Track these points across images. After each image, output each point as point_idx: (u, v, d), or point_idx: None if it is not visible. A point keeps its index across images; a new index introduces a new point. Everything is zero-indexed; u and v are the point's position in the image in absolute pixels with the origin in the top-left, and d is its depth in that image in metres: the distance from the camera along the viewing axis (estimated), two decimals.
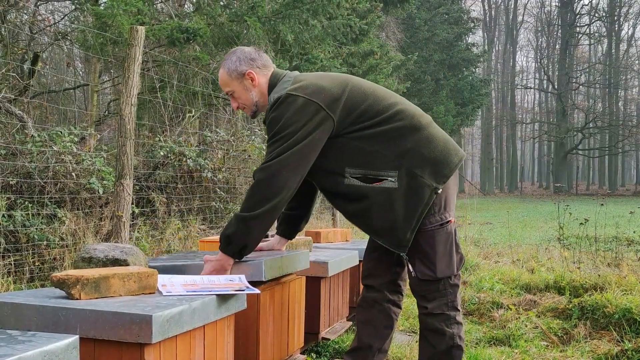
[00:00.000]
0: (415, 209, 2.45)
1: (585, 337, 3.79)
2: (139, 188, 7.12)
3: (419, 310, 2.63)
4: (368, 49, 17.24)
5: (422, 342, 2.63)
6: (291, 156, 2.40)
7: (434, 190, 2.47)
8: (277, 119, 2.45)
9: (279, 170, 2.39)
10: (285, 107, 2.45)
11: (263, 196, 2.39)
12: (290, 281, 2.91)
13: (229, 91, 2.67)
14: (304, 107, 2.43)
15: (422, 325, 2.62)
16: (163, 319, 1.81)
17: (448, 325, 2.55)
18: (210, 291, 2.15)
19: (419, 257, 2.51)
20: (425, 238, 2.50)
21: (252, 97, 2.63)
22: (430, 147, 2.51)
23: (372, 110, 2.50)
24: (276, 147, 2.42)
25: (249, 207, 2.41)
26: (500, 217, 14.83)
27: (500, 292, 4.93)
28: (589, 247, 6.56)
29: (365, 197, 2.47)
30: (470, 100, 27.82)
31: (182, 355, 1.97)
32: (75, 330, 1.82)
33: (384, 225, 2.48)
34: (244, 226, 2.40)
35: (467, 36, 30.94)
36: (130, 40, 5.21)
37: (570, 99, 45.90)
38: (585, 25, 47.44)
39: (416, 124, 2.52)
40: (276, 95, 2.53)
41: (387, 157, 2.46)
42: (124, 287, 2.05)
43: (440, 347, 2.56)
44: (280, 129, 2.43)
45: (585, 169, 56.68)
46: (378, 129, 2.48)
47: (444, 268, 2.52)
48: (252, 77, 2.60)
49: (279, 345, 2.78)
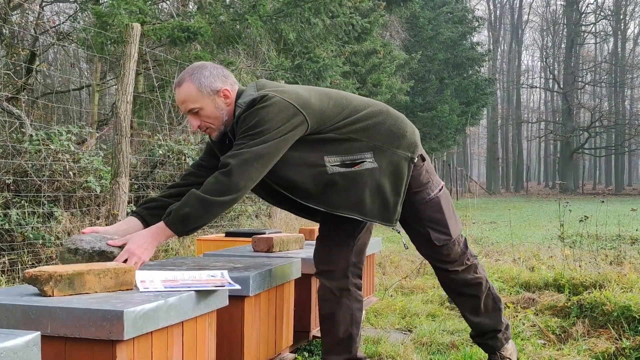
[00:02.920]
0: (400, 183, 2.58)
1: (584, 336, 3.72)
2: (137, 187, 7.08)
3: (443, 275, 2.83)
4: (371, 48, 17.19)
5: (463, 299, 2.86)
6: (266, 149, 2.37)
7: (411, 160, 2.61)
8: (251, 116, 2.41)
9: (251, 160, 2.35)
10: (261, 106, 2.41)
11: (233, 183, 2.33)
12: None
13: (194, 108, 2.48)
14: (281, 108, 2.42)
15: (454, 285, 2.84)
16: (136, 314, 1.76)
17: (477, 272, 2.82)
18: (190, 287, 2.09)
19: (432, 227, 2.70)
20: (433, 207, 2.69)
21: (222, 116, 2.51)
22: (398, 125, 2.64)
23: (337, 106, 2.58)
24: (251, 139, 2.38)
25: (215, 191, 2.33)
26: (505, 217, 14.74)
27: (499, 290, 4.86)
28: (590, 245, 6.48)
29: (354, 180, 2.51)
30: (475, 99, 27.71)
31: (158, 352, 1.91)
32: (47, 328, 1.77)
33: (376, 203, 2.55)
34: (205, 209, 2.32)
35: (472, 35, 30.85)
36: (126, 37, 5.17)
37: (576, 98, 45.70)
38: (590, 24, 47.24)
39: (381, 109, 2.66)
40: (246, 99, 2.47)
41: (360, 141, 2.55)
42: (99, 283, 2.00)
43: (482, 294, 2.83)
44: (256, 124, 2.40)
45: (591, 169, 56.47)
46: (347, 120, 2.56)
47: (454, 227, 2.75)
48: (227, 94, 2.51)
49: (266, 344, 2.72)
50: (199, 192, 2.33)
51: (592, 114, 45.20)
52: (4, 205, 5.47)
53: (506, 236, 9.23)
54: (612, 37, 48.11)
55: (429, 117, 24.05)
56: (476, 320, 2.87)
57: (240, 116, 2.45)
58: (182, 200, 2.35)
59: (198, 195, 2.32)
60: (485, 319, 2.87)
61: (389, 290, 5.29)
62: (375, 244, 4.24)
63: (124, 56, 5.12)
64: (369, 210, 2.54)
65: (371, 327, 4.19)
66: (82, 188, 6.01)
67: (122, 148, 5.02)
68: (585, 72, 47.84)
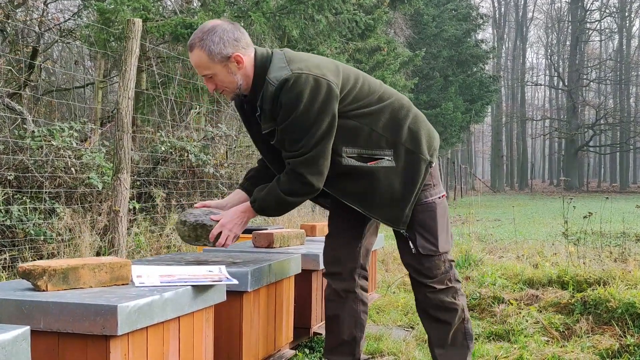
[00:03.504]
0: (414, 184, 2.50)
1: (587, 332, 3.68)
2: (140, 184, 7.06)
3: (421, 291, 2.61)
4: (375, 45, 17.12)
5: (433, 324, 2.61)
6: (323, 142, 2.39)
7: (429, 164, 2.54)
8: (294, 102, 2.35)
9: (320, 160, 2.40)
10: (299, 88, 2.35)
11: (307, 186, 2.42)
12: None
13: (207, 74, 2.44)
14: (317, 87, 2.37)
15: (427, 305, 2.60)
16: (130, 309, 1.73)
17: (456, 298, 2.59)
18: (186, 282, 2.06)
19: (420, 232, 2.54)
20: (427, 212, 2.55)
21: (236, 81, 2.44)
22: (419, 124, 2.57)
23: (364, 89, 2.52)
24: (308, 135, 2.37)
25: (292, 192, 2.44)
26: (510, 215, 14.68)
27: (502, 287, 4.82)
28: (595, 242, 6.43)
29: (367, 175, 2.47)
30: (479, 96, 27.61)
31: (154, 348, 1.88)
32: (39, 323, 1.74)
33: (385, 203, 2.49)
34: (283, 208, 2.50)
35: (476, 33, 30.73)
36: (127, 33, 5.14)
37: (581, 95, 45.55)
38: (595, 22, 47.03)
39: (405, 103, 2.58)
40: (278, 75, 2.38)
41: (382, 136, 2.48)
42: (94, 278, 1.97)
43: (454, 323, 2.58)
44: (305, 114, 2.36)
45: (596, 166, 56.27)
46: (372, 108, 2.49)
47: (444, 242, 2.58)
48: (239, 59, 2.42)
49: (265, 340, 2.69)
50: (279, 192, 2.45)
51: (597, 111, 45.02)
52: (5, 202, 5.46)
53: (510, 233, 9.18)
54: (617, 34, 47.90)
55: (433, 115, 23.95)
56: (438, 352, 2.60)
57: (276, 97, 2.38)
58: (265, 193, 2.48)
59: (278, 194, 2.45)
60: (449, 354, 2.59)
61: (391, 287, 5.25)
62: (377, 241, 4.20)
63: (125, 52, 5.09)
64: (375, 208, 2.50)
65: (373, 323, 4.16)
66: (84, 184, 5.99)
67: (124, 144, 4.99)
68: (590, 70, 47.62)
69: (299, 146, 2.38)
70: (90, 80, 12.84)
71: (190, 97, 9.53)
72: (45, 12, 11.65)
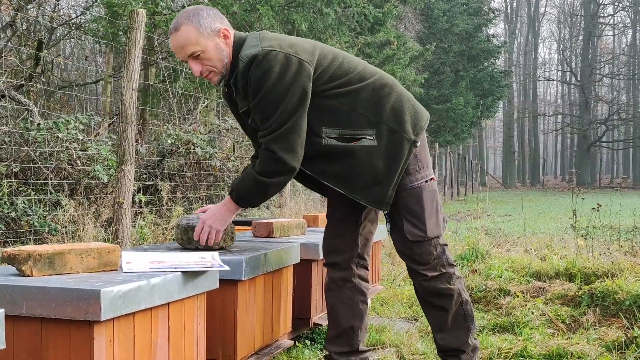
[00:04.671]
0: (396, 164, 2.43)
1: (594, 325, 3.61)
2: (147, 176, 7.03)
3: (415, 278, 2.58)
4: (384, 39, 17.00)
5: (431, 310, 2.59)
6: (294, 118, 2.33)
7: (413, 143, 2.47)
8: (264, 77, 2.31)
9: (292, 135, 2.33)
10: (268, 64, 2.30)
11: (283, 165, 2.34)
12: None
13: (195, 51, 2.35)
14: (287, 63, 2.32)
15: (423, 293, 2.58)
16: (114, 294, 1.68)
17: (451, 283, 2.54)
18: (177, 268, 2.02)
19: (407, 218, 2.49)
20: (413, 196, 2.48)
21: (223, 58, 2.39)
22: (403, 103, 2.50)
23: (343, 67, 2.46)
24: (278, 111, 2.32)
25: (270, 173, 2.36)
26: (520, 210, 14.56)
27: (508, 279, 4.75)
28: (604, 235, 6.33)
29: (346, 155, 2.41)
30: (490, 91, 27.43)
31: (142, 335, 1.84)
32: (22, 308, 1.70)
33: (366, 184, 2.43)
34: (263, 191, 2.40)
35: (488, 27, 30.52)
36: (131, 23, 5.10)
37: (594, 90, 45.17)
38: (609, 16, 46.64)
39: (389, 81, 2.51)
40: (249, 52, 2.34)
41: (363, 115, 2.42)
42: (81, 263, 1.93)
43: (452, 307, 2.54)
44: (273, 90, 2.31)
45: (609, 162, 55.84)
46: (351, 87, 2.43)
47: (433, 227, 2.51)
48: (227, 34, 2.39)
49: (262, 330, 2.64)
50: (255, 174, 2.37)
51: (610, 106, 44.63)
52: (10, 194, 5.45)
53: (519, 228, 9.08)
54: (631, 28, 47.45)
55: (443, 110, 23.83)
56: (439, 336, 2.60)
57: (246, 74, 2.34)
58: (241, 178, 2.42)
59: (254, 176, 2.37)
60: (449, 337, 2.58)
61: (396, 280, 5.19)
62: (380, 232, 4.15)
63: (129, 42, 5.05)
64: (357, 189, 2.44)
65: (376, 315, 4.11)
66: (89, 177, 5.97)
67: (128, 136, 4.96)
68: (603, 65, 47.24)
69: (269, 123, 2.33)
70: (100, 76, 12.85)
71: (198, 90, 9.50)
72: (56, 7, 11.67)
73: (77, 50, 16.74)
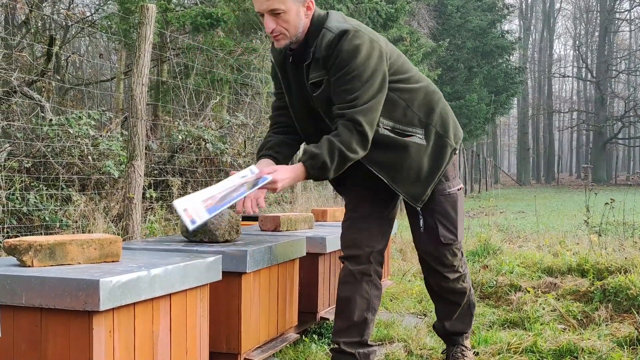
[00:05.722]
0: (438, 166, 2.59)
1: (606, 320, 3.56)
2: (158, 172, 7.04)
3: (435, 279, 2.77)
4: (397, 35, 16.92)
5: (443, 303, 2.85)
6: (377, 98, 2.41)
7: (453, 150, 2.65)
8: (355, 53, 2.37)
9: (374, 113, 2.40)
10: (359, 41, 2.38)
11: (367, 139, 2.40)
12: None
13: (278, 9, 2.36)
14: (372, 46, 2.41)
15: (439, 290, 2.81)
16: (114, 285, 1.67)
17: (465, 281, 2.79)
18: (232, 200, 2.14)
19: (442, 222, 2.65)
20: (450, 202, 2.65)
21: (299, 27, 2.41)
22: (448, 113, 2.67)
23: (405, 66, 2.58)
24: (365, 87, 2.38)
25: (351, 147, 2.37)
26: (534, 207, 14.46)
27: (520, 275, 4.70)
28: (618, 231, 6.26)
29: (399, 148, 2.52)
30: (504, 88, 27.22)
31: (142, 326, 1.83)
32: (21, 299, 1.69)
33: (410, 179, 2.55)
34: (342, 162, 2.39)
35: (502, 23, 30.29)
36: (141, 18, 5.10)
37: (610, 87, 44.71)
38: (625, 11, 46.14)
39: (437, 90, 2.68)
40: (339, 25, 2.40)
41: (416, 114, 2.55)
42: (82, 254, 1.92)
43: (463, 302, 2.81)
44: (362, 66, 2.37)
45: (625, 159, 55.32)
46: (410, 86, 2.56)
47: (461, 231, 2.72)
48: (310, 7, 2.43)
49: (267, 323, 2.62)
50: (340, 145, 2.36)
51: (626, 103, 44.15)
52: (22, 189, 5.47)
53: (532, 224, 9.00)
54: None
55: (457, 106, 23.65)
56: (447, 323, 2.85)
57: (333, 45, 2.37)
58: (320, 147, 2.37)
59: (340, 148, 2.36)
60: (456, 322, 2.86)
61: (406, 275, 5.16)
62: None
63: (139, 38, 5.05)
64: (401, 181, 2.54)
65: (385, 311, 4.08)
66: (100, 172, 5.99)
67: (138, 131, 4.96)
68: (619, 61, 46.73)
69: (356, 96, 2.38)
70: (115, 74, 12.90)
71: (210, 87, 9.50)
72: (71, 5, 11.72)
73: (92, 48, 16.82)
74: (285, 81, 2.61)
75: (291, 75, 2.57)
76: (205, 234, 2.56)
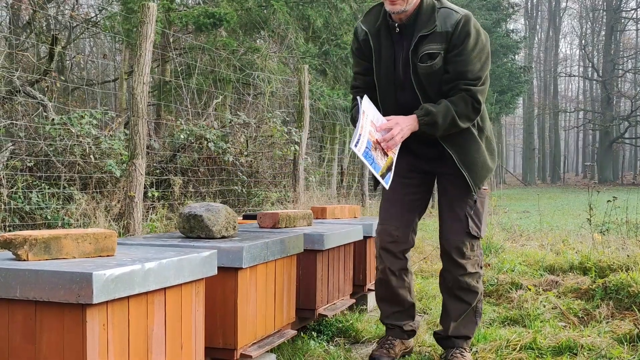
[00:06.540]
0: (494, 163, 2.84)
1: (607, 318, 3.55)
2: (160, 171, 7.05)
3: (453, 271, 2.84)
4: None
5: (454, 300, 2.89)
6: (487, 83, 2.67)
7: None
8: (478, 36, 2.60)
9: (485, 93, 2.65)
10: (477, 27, 2.62)
11: (475, 114, 2.64)
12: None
13: None
14: (487, 38, 2.68)
15: (454, 286, 2.86)
16: (107, 278, 1.67)
17: (479, 282, 2.89)
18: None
19: (472, 216, 2.80)
20: (480, 199, 2.83)
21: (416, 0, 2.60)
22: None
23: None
24: (484, 70, 2.63)
25: (465, 118, 2.61)
26: (539, 207, 14.41)
27: (521, 273, 4.69)
28: (621, 230, 6.23)
29: (477, 135, 2.74)
30: (509, 87, 27.18)
31: (137, 320, 1.83)
32: (16, 292, 1.69)
33: (478, 166, 2.74)
34: (451, 126, 2.60)
35: (507, 22, 30.22)
36: (142, 17, 5.11)
37: (616, 86, 44.54)
38: (631, 10, 45.96)
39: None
40: (459, 9, 2.60)
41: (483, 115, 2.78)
42: (77, 248, 1.92)
43: (473, 303, 2.88)
44: (483, 51, 2.61)
45: (631, 159, 55.08)
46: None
47: (484, 228, 2.88)
48: None
49: (264, 318, 2.62)
50: (454, 113, 2.59)
51: (633, 102, 43.98)
52: (24, 187, 5.49)
53: (537, 224, 8.98)
54: None
55: None
56: (453, 325, 2.90)
57: (457, 25, 2.56)
58: (438, 108, 2.59)
59: (453, 115, 2.59)
60: (460, 326, 2.91)
61: None
62: None
63: (140, 37, 5.06)
64: (468, 165, 2.70)
65: None
66: (102, 171, 6.00)
67: (139, 130, 4.97)
68: (625, 60, 46.56)
69: (478, 75, 2.61)
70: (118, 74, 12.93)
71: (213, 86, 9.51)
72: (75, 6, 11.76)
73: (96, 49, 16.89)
74: (376, 52, 2.71)
75: (384, 46, 2.69)
76: (202, 230, 2.58)
